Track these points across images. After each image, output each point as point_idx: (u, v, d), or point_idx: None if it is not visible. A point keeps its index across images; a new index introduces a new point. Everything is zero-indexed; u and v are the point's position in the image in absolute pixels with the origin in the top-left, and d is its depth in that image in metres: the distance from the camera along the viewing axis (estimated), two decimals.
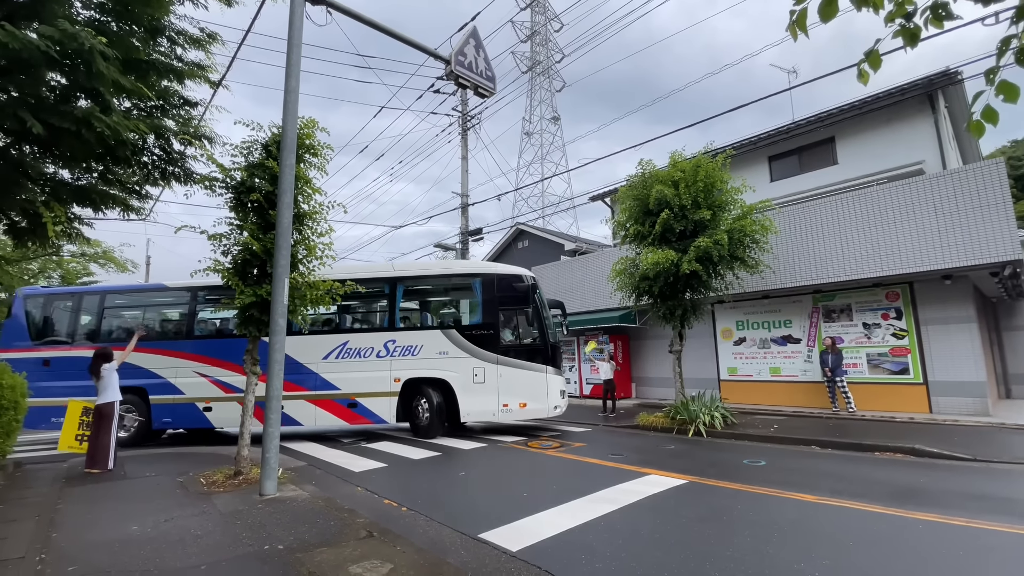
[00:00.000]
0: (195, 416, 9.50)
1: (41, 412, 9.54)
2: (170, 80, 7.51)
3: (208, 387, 9.43)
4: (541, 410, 9.07)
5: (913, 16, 1.61)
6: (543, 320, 9.33)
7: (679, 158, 10.33)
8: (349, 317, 10.40)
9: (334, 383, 9.25)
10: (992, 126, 1.63)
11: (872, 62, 1.72)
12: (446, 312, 10.88)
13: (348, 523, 4.38)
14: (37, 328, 10.29)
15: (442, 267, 10.57)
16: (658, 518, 4.51)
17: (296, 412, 9.21)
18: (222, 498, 5.32)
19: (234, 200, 6.31)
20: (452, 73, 8.66)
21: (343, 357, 9.37)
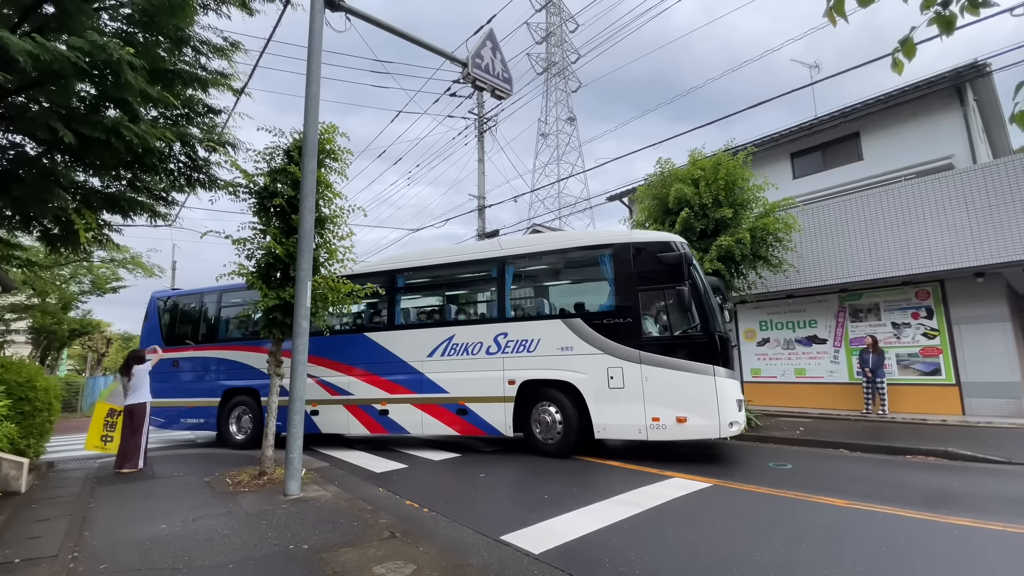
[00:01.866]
0: (307, 420, 8.57)
1: (172, 413, 9.88)
2: (195, 89, 7.70)
3: (314, 388, 8.52)
4: (709, 427, 6.39)
5: (950, 3, 1.56)
6: (704, 301, 6.75)
7: (699, 156, 10.20)
8: (455, 307, 9.03)
9: (441, 385, 7.90)
10: None
11: (907, 51, 1.67)
12: (568, 296, 8.84)
13: (371, 524, 4.41)
14: (167, 329, 10.45)
15: (560, 240, 8.54)
16: (683, 522, 4.44)
17: (402, 417, 8.10)
18: (247, 498, 5.41)
19: (257, 205, 6.42)
20: (469, 76, 8.70)
21: (449, 354, 7.96)
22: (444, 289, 8.93)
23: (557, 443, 7.22)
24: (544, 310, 8.04)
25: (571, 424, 7.09)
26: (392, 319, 8.57)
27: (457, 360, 7.88)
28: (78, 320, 25.38)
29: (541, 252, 8.25)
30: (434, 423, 7.90)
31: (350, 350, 8.62)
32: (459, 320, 8.49)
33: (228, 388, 9.35)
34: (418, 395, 8.02)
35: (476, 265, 8.45)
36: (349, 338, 8.79)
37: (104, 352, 44.17)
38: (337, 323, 9.04)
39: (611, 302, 7.30)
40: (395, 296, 8.69)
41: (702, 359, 6.55)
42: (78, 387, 23.24)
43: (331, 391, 8.60)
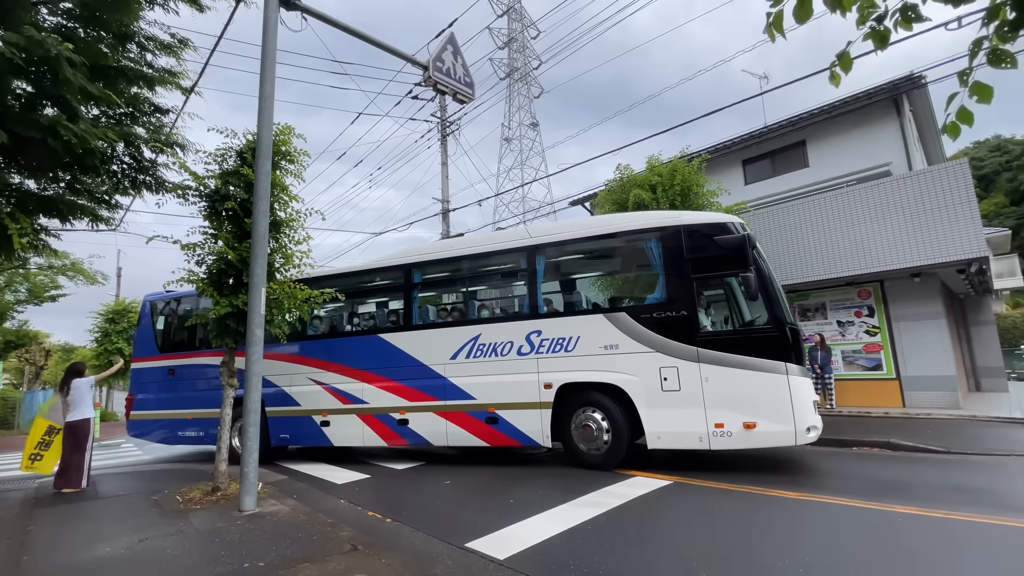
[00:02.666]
0: (312, 431, 7.99)
1: (169, 426, 9.04)
2: (140, 87, 7.34)
3: (324, 397, 7.89)
4: (782, 434, 5.59)
5: (884, 19, 1.66)
6: (771, 288, 5.97)
7: (656, 162, 10.49)
8: (480, 303, 8.17)
9: (467, 390, 7.06)
10: (968, 127, 1.68)
11: (844, 64, 1.77)
12: (611, 288, 8.10)
13: (331, 537, 4.29)
14: (162, 334, 9.64)
15: (599, 225, 7.34)
16: (645, 520, 4.52)
17: (423, 427, 7.26)
18: (199, 515, 5.16)
19: (208, 209, 6.17)
20: (431, 79, 8.65)
21: (476, 356, 7.10)
22: (467, 284, 8.03)
23: (604, 453, 6.40)
24: (583, 304, 7.25)
25: (621, 432, 6.28)
26: (409, 318, 7.78)
27: (484, 362, 7.02)
28: (14, 331, 23.76)
29: (577, 239, 7.20)
30: (460, 433, 7.05)
31: (363, 354, 7.83)
32: (485, 318, 7.57)
33: None
34: (441, 402, 7.19)
35: (502, 256, 7.55)
36: (362, 340, 8.05)
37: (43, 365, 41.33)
38: (348, 324, 8.59)
39: (661, 293, 6.43)
40: (412, 293, 7.86)
41: (772, 355, 5.74)
42: (15, 402, 21.79)
43: (343, 399, 7.79)
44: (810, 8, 1.57)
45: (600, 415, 6.47)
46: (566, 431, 6.68)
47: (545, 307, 7.12)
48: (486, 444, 6.97)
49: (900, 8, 1.62)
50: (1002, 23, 1.53)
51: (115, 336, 19.64)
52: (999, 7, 1.51)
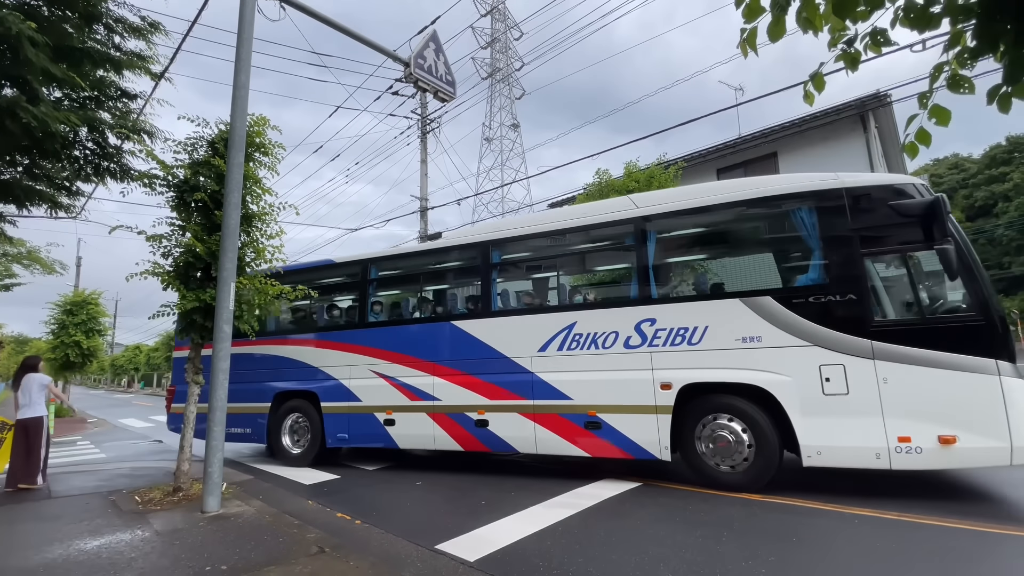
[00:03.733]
0: (374, 430, 7.09)
1: None
2: (107, 70, 7.09)
3: (389, 391, 7.03)
4: (994, 451, 4.41)
5: (854, 41, 1.73)
6: (973, 266, 4.79)
7: (634, 168, 10.65)
8: (575, 286, 7.22)
9: (560, 388, 6.06)
10: (925, 147, 1.77)
11: (816, 84, 1.84)
12: (748, 268, 6.40)
13: (298, 539, 4.20)
14: None
15: (727, 191, 5.92)
16: (614, 521, 4.57)
17: (506, 429, 6.27)
18: (159, 517, 4.99)
19: (176, 199, 5.98)
20: (411, 76, 8.59)
21: (571, 348, 6.07)
22: (559, 263, 7.09)
23: (746, 472, 5.19)
24: (711, 287, 6.00)
25: (769, 445, 5.06)
26: (488, 303, 6.76)
27: (582, 355, 5.98)
28: None
29: (701, 209, 5.93)
30: (552, 439, 6.04)
31: (434, 343, 6.94)
32: (582, 303, 6.52)
33: (280, 391, 7.88)
34: (528, 401, 6.20)
35: (602, 231, 6.46)
36: (432, 328, 7.15)
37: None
38: (417, 310, 7.75)
39: (819, 274, 5.22)
40: (490, 275, 6.84)
41: (977, 350, 4.53)
42: None
43: (411, 395, 6.90)
44: (783, 27, 1.63)
45: (739, 424, 5.25)
46: (689, 442, 5.46)
47: (660, 291, 6.02)
48: (585, 454, 5.86)
49: (870, 32, 1.69)
50: (962, 50, 1.62)
51: (72, 328, 18.80)
52: (960, 33, 1.60)
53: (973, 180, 43.46)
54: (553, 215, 7.32)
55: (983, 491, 5.17)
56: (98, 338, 20.07)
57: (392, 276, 8.21)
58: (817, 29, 1.72)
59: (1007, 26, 1.33)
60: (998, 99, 1.54)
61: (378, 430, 7.06)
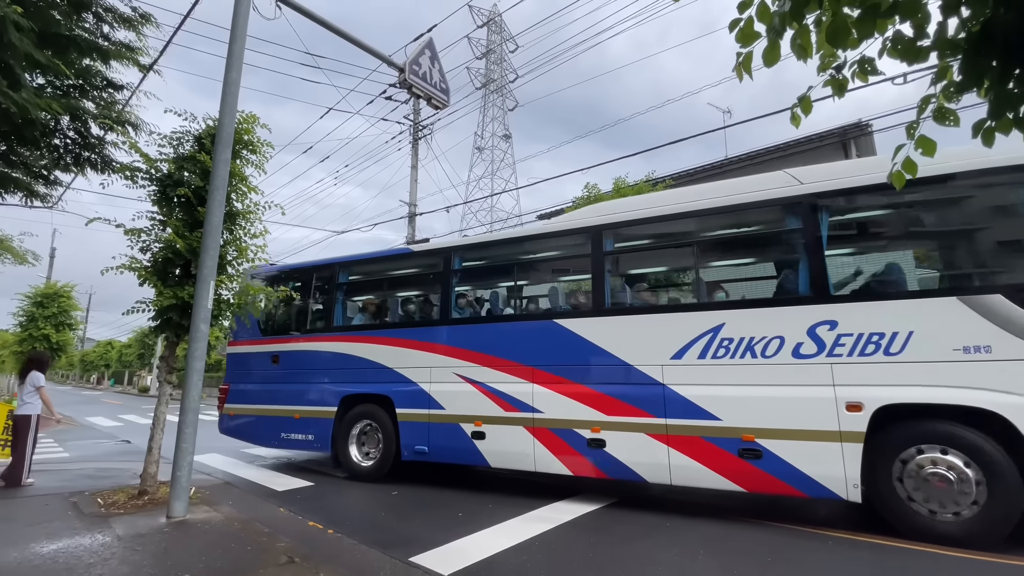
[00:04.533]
0: (460, 444, 6.12)
1: (270, 425, 7.48)
2: (94, 59, 6.96)
3: (478, 399, 6.08)
4: None
5: (843, 68, 1.77)
6: None
7: (623, 184, 10.77)
8: (720, 279, 6.08)
9: (702, 405, 4.91)
10: (911, 176, 1.81)
11: (804, 107, 1.87)
12: (966, 257, 4.90)
13: (267, 548, 4.08)
14: (266, 315, 8.02)
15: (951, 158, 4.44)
16: (592, 536, 4.53)
17: (629, 452, 5.18)
18: (122, 521, 4.81)
19: (158, 194, 5.85)
20: (406, 81, 8.59)
21: (716, 355, 4.94)
22: (696, 252, 5.72)
23: (976, 521, 3.99)
24: (916, 282, 4.95)
25: (1009, 486, 3.89)
26: (601, 300, 5.68)
27: (733, 366, 4.84)
28: None
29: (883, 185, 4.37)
30: (692, 468, 4.89)
31: (532, 345, 5.94)
32: (731, 301, 5.45)
33: (348, 395, 7.03)
34: (658, 419, 5.09)
35: (754, 212, 5.31)
36: (530, 328, 6.16)
37: None
38: (511, 305, 6.98)
39: None
40: (603, 265, 5.73)
41: None
42: None
43: (505, 404, 5.90)
44: (778, 52, 1.67)
45: (959, 457, 4.08)
46: (883, 479, 4.31)
47: (843, 287, 4.98)
48: (739, 488, 4.75)
49: (858, 60, 1.74)
50: (949, 83, 1.67)
51: (42, 321, 18.19)
52: (947, 67, 1.65)
53: None
54: (686, 193, 5.80)
55: None
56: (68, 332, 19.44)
57: (481, 267, 7.22)
58: (808, 55, 1.76)
59: (992, 62, 1.37)
60: (983, 133, 1.58)
61: (464, 444, 6.06)
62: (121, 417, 17.45)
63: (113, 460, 8.70)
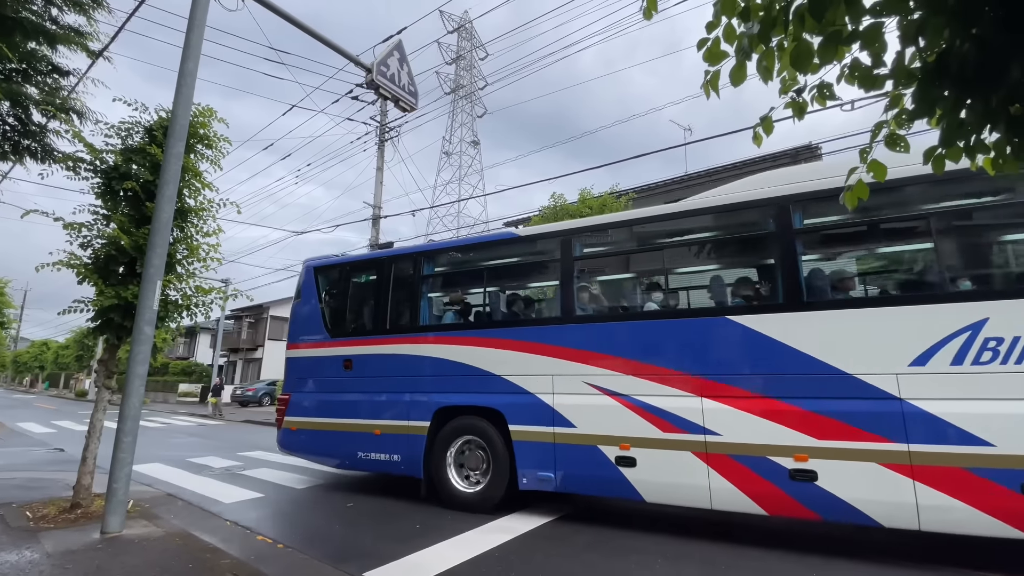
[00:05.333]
0: (600, 472, 4.95)
1: (344, 442, 6.44)
2: (40, 43, 6.55)
3: (621, 415, 4.93)
4: None
5: (803, 92, 1.83)
6: None
7: (588, 195, 10.93)
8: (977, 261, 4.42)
9: (965, 427, 3.80)
10: (863, 199, 1.89)
11: (766, 127, 1.94)
12: None
13: (210, 565, 3.85)
14: (334, 313, 7.17)
15: None
16: (551, 546, 4.50)
17: (854, 488, 4.06)
18: (52, 536, 4.46)
19: (103, 187, 5.52)
20: (373, 82, 8.45)
21: (979, 360, 3.82)
22: (933, 225, 4.24)
23: None
24: None
25: None
26: (794, 290, 4.53)
27: (1005, 373, 3.73)
28: None
29: None
30: (954, 509, 3.77)
31: (699, 348, 4.82)
32: (998, 290, 4.07)
33: (444, 407, 5.94)
34: (896, 445, 3.98)
35: None
36: (695, 327, 4.95)
37: None
38: (663, 299, 5.39)
39: None
40: (795, 247, 4.58)
41: None
42: None
43: (662, 423, 4.74)
44: (744, 73, 1.71)
45: None
46: None
47: None
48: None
49: (817, 85, 1.80)
50: (901, 111, 1.75)
51: None
52: (900, 96, 1.73)
53: None
54: None
55: None
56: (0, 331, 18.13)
57: (613, 252, 6.02)
58: (770, 78, 1.81)
59: (946, 92, 1.44)
60: (933, 160, 1.67)
61: (606, 472, 4.90)
62: (55, 423, 16.30)
63: (44, 470, 8.08)
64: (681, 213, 5.33)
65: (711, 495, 4.48)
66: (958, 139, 1.54)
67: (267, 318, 36.63)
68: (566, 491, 5.17)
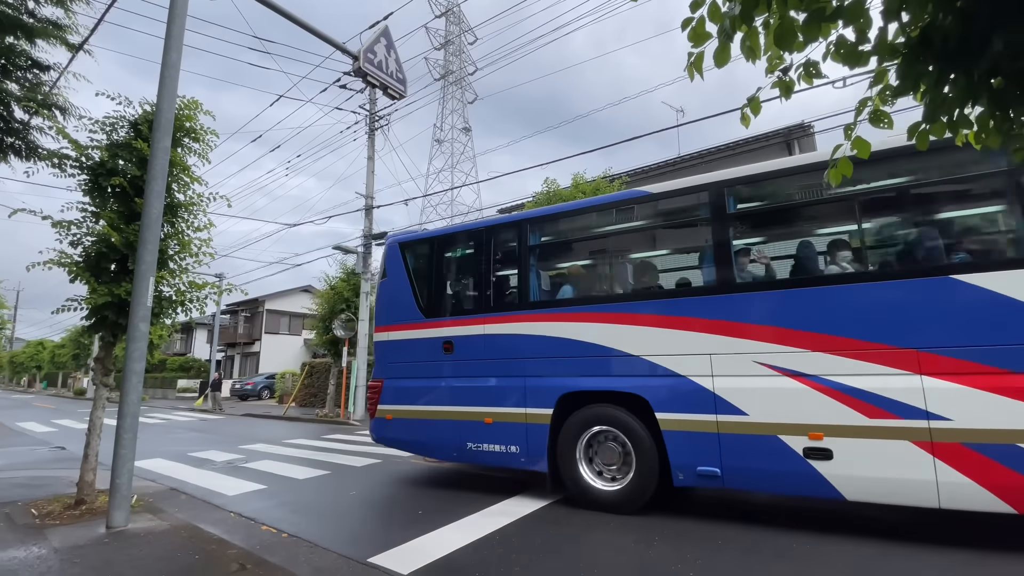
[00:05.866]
0: (783, 465, 4.23)
1: (446, 431, 5.91)
2: (17, 37, 6.41)
3: (808, 399, 4.18)
4: None
5: (789, 71, 1.83)
6: None
7: (581, 180, 10.87)
8: None
9: None
10: (846, 176, 1.90)
11: (753, 108, 1.93)
12: None
13: (216, 556, 3.91)
14: (427, 290, 6.51)
15: None
16: (550, 528, 4.58)
17: None
18: (58, 532, 4.50)
19: (90, 183, 5.46)
20: (360, 70, 8.35)
21: None
22: None
23: None
24: None
25: None
26: None
27: None
28: None
29: None
30: None
31: (913, 316, 3.96)
32: None
33: (570, 392, 5.30)
34: None
35: None
36: (905, 290, 4.03)
37: None
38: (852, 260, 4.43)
39: None
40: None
41: None
42: None
43: (867, 408, 3.99)
44: (728, 54, 1.70)
45: None
46: None
47: None
48: None
49: (804, 63, 1.80)
50: (884, 87, 1.75)
51: None
52: (884, 72, 1.73)
53: None
54: None
55: None
56: None
57: (778, 208, 5.10)
58: (756, 57, 1.81)
59: (929, 67, 1.45)
60: (917, 135, 1.68)
61: (791, 465, 4.19)
62: (55, 422, 16.31)
63: (47, 468, 8.12)
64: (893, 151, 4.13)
65: (939, 492, 3.75)
66: (942, 114, 1.55)
67: (263, 312, 36.57)
68: (738, 487, 4.50)
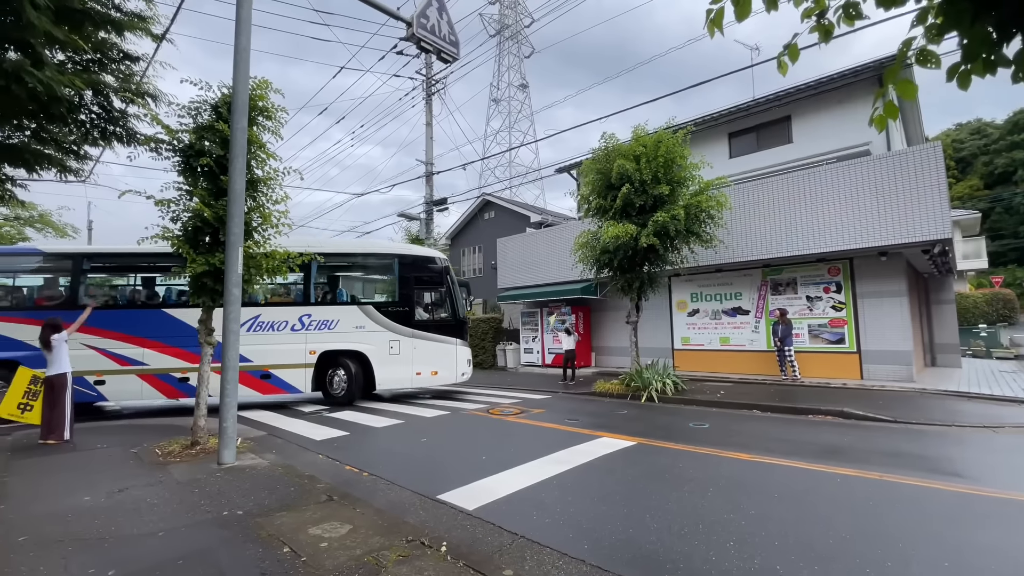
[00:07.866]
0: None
1: None
2: (108, 32, 7.06)
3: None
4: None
5: (826, 13, 1.75)
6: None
7: (642, 132, 10.45)
8: None
9: None
10: (892, 120, 1.81)
11: (791, 54, 1.87)
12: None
13: (308, 489, 4.48)
14: None
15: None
16: (607, 476, 4.81)
17: None
18: (179, 468, 5.31)
19: (183, 164, 6.06)
20: (414, 36, 8.44)
21: None
22: None
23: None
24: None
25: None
26: None
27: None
28: None
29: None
30: None
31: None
32: None
33: None
34: None
35: None
36: None
37: None
38: None
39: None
40: None
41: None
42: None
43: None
44: (748, 7, 1.65)
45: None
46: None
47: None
48: None
49: (843, 5, 1.71)
50: (929, 27, 1.64)
51: None
52: (926, 12, 1.61)
53: (995, 146, 42.02)
54: None
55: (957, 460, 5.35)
56: None
57: None
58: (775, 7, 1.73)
59: (966, 4, 1.36)
60: (958, 76, 1.57)
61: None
62: None
63: (165, 417, 9.40)
64: None
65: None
66: (981, 52, 1.45)
67: None
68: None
